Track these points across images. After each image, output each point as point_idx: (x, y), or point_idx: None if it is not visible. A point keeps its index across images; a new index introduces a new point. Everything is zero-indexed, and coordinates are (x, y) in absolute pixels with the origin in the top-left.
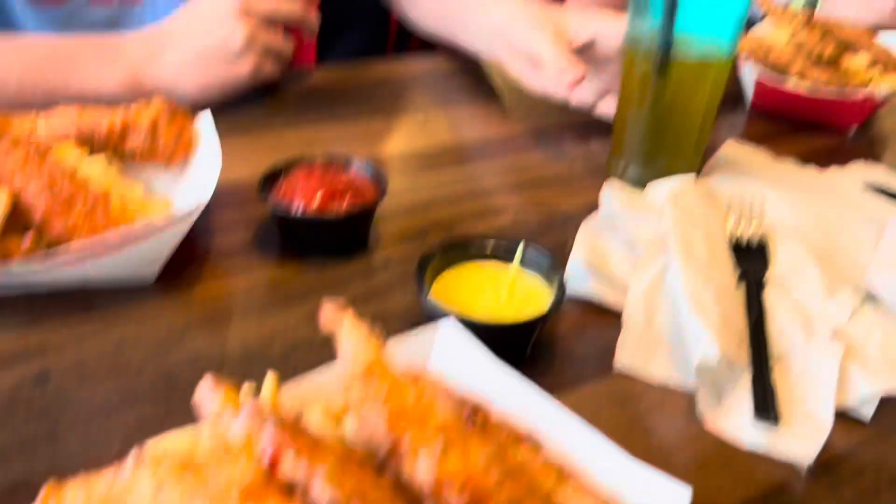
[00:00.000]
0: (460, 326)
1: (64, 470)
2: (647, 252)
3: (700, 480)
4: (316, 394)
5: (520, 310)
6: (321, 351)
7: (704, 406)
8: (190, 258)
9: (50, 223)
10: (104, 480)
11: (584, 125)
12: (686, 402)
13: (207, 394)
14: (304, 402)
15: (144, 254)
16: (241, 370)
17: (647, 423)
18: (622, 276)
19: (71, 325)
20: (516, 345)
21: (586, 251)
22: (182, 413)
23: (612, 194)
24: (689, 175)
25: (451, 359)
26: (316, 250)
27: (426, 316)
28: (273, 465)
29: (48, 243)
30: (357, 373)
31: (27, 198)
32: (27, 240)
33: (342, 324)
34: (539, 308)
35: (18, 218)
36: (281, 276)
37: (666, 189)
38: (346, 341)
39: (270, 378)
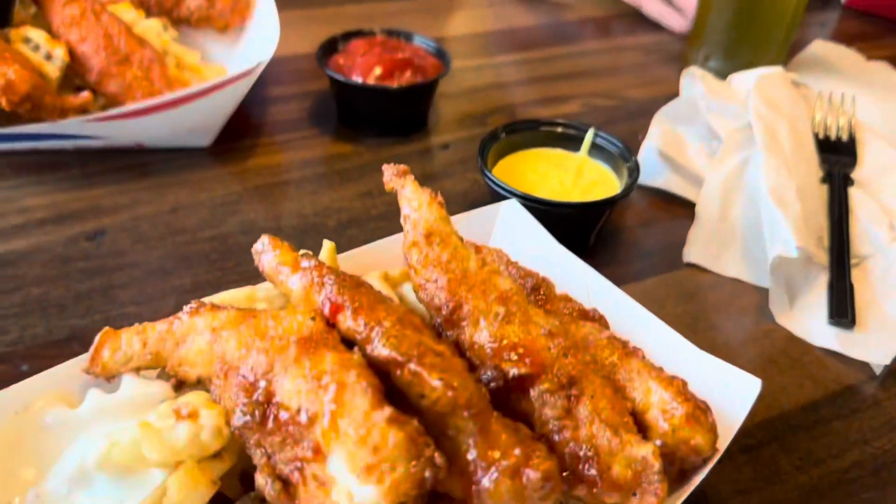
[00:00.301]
0: (522, 207)
1: (119, 323)
2: (727, 143)
3: (767, 378)
4: (374, 261)
5: (586, 196)
6: (376, 227)
7: (776, 304)
8: (245, 129)
9: (105, 82)
10: (160, 327)
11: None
12: (756, 299)
13: (265, 250)
14: (362, 269)
15: (199, 118)
16: (295, 241)
17: (714, 318)
18: (697, 167)
19: (125, 188)
20: (581, 229)
21: (661, 140)
22: (236, 278)
23: (694, 81)
24: (775, 68)
25: (512, 238)
26: (373, 126)
27: (488, 197)
28: (331, 320)
29: (104, 102)
30: (419, 236)
31: (83, 54)
32: (83, 96)
33: (405, 185)
34: (607, 195)
35: (74, 75)
36: (337, 152)
37: (751, 79)
38: (408, 204)
39: (328, 245)
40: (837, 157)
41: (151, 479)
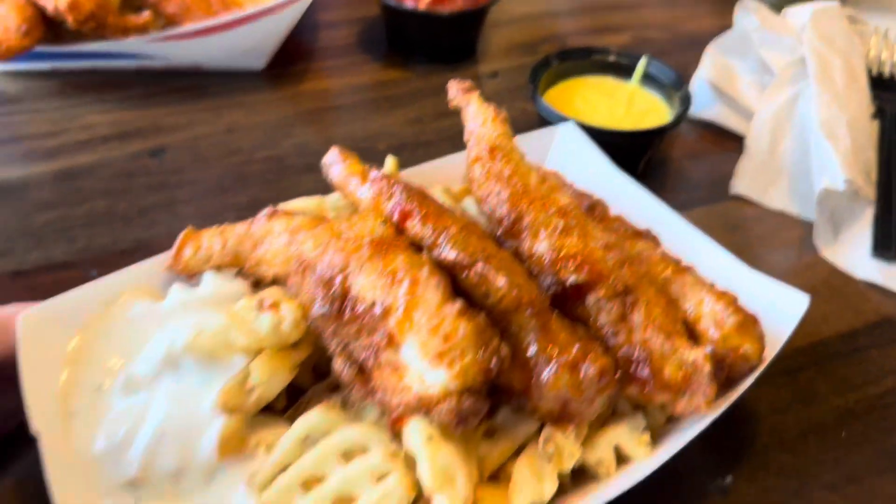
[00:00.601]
0: (580, 130)
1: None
2: (780, 77)
3: (810, 307)
4: (435, 179)
5: (637, 124)
6: (425, 153)
7: (821, 236)
8: (297, 53)
9: (165, 2)
10: (239, 229)
11: None
12: (801, 231)
13: (335, 162)
14: (424, 183)
15: (255, 41)
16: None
17: (758, 248)
18: (749, 100)
19: (183, 108)
20: (630, 158)
21: (713, 72)
22: (292, 196)
23: (749, 14)
24: (831, 2)
25: (568, 160)
26: (423, 53)
27: (536, 126)
28: (400, 226)
29: (163, 23)
30: (482, 151)
31: None
32: (144, 16)
33: (470, 102)
34: (659, 124)
35: None
36: (387, 78)
37: (807, 13)
38: (473, 120)
39: (391, 160)
40: (890, 93)
41: (234, 364)
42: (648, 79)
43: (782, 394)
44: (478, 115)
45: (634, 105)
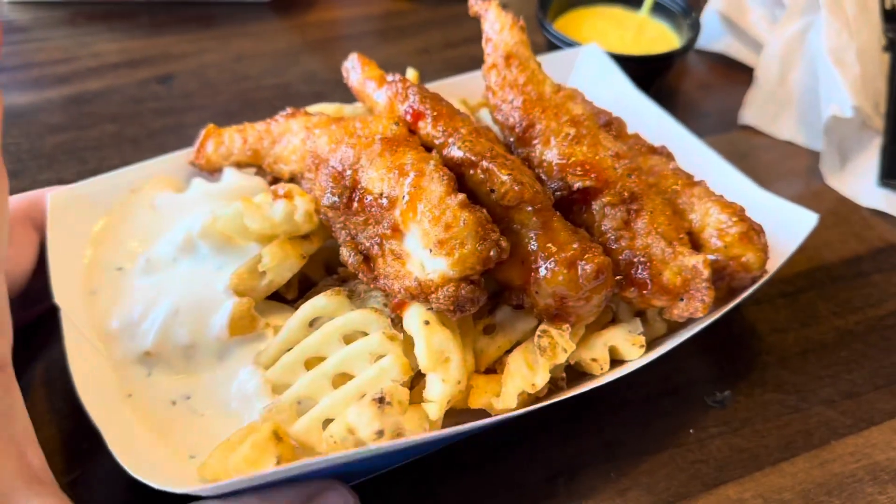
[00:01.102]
0: (603, 52)
1: None
2: (791, 7)
3: (814, 233)
4: (454, 92)
5: (646, 52)
6: (434, 80)
7: (828, 165)
8: None
9: None
10: (259, 126)
11: None
12: (808, 160)
13: (354, 67)
14: (444, 96)
15: None
16: (353, 95)
17: (765, 178)
18: (759, 33)
19: (192, 37)
20: (640, 84)
21: (724, 4)
22: None
23: None
24: None
25: (590, 81)
26: None
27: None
28: (412, 126)
29: None
30: (498, 58)
31: None
32: None
33: (488, 9)
34: (668, 49)
35: None
36: (395, 8)
37: None
38: (490, 27)
39: (412, 72)
40: None
41: (248, 251)
42: (658, 8)
43: (782, 314)
44: (495, 22)
45: (644, 34)
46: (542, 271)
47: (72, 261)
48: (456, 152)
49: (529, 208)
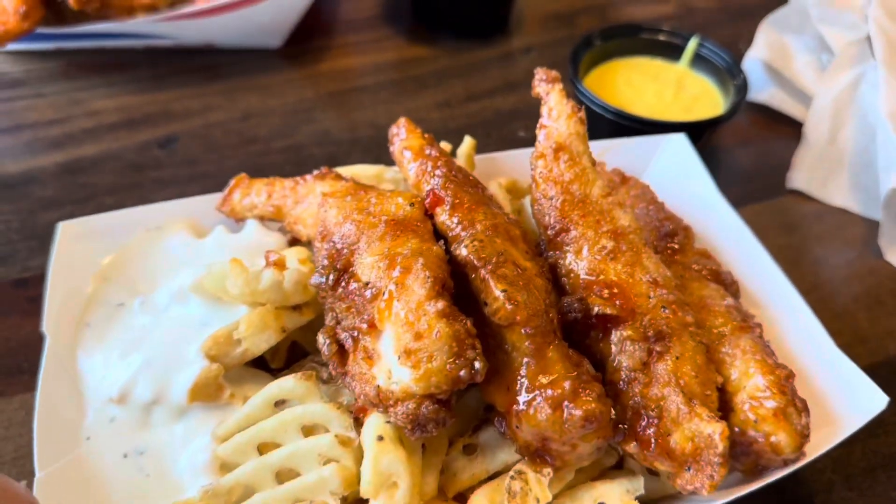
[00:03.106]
0: (690, 145)
1: None
2: (841, 57)
3: (871, 319)
4: (511, 168)
5: (687, 113)
6: (456, 140)
7: (886, 238)
8: (316, 29)
9: None
10: (287, 184)
11: None
12: (864, 231)
13: (400, 133)
14: (495, 173)
15: (271, 17)
16: (371, 155)
17: (817, 251)
18: (805, 82)
19: (195, 92)
20: None
21: (766, 51)
22: None
23: None
24: None
25: (669, 175)
26: (451, 26)
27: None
28: (430, 210)
29: (172, 0)
30: (548, 148)
31: None
32: None
33: (550, 92)
34: (710, 112)
35: None
36: (412, 55)
37: None
38: (548, 113)
39: (468, 141)
40: None
41: (236, 311)
42: (699, 60)
43: None
44: (554, 108)
45: (684, 89)
46: (524, 405)
47: (71, 291)
48: (462, 251)
49: (524, 331)
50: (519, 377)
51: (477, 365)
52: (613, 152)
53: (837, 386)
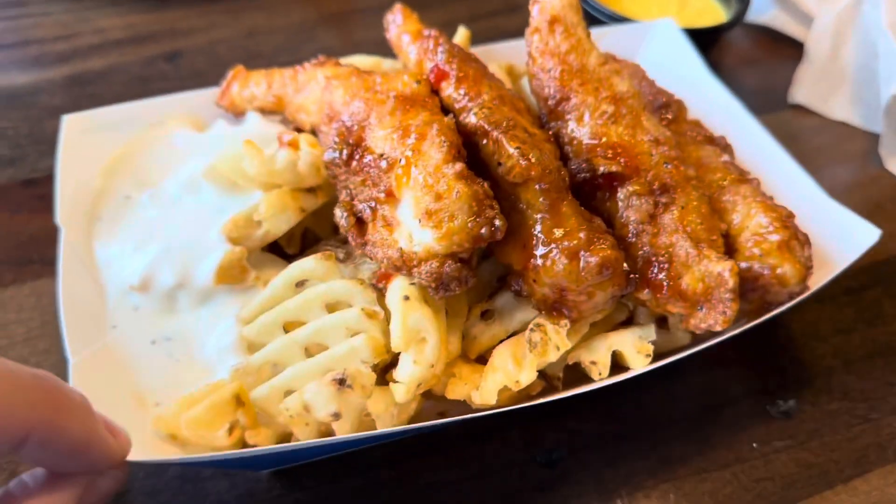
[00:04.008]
0: (679, 29)
1: None
2: None
3: (873, 222)
4: (505, 56)
5: (691, 24)
6: None
7: (887, 148)
8: None
9: None
10: (286, 73)
11: None
12: (865, 143)
13: (396, 20)
14: (488, 61)
15: None
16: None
17: (819, 162)
18: (809, 3)
19: (200, 11)
20: None
21: None
22: None
23: None
24: None
25: (659, 58)
26: None
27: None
28: (435, 86)
29: None
30: (542, 22)
31: None
32: None
33: None
34: (713, 24)
35: None
36: None
37: None
38: None
39: (463, 31)
40: None
41: (251, 197)
42: None
43: (846, 313)
44: None
45: (688, 5)
46: (541, 258)
47: (81, 185)
48: (471, 119)
49: (538, 187)
50: (534, 233)
51: (497, 223)
52: (605, 39)
53: (831, 228)
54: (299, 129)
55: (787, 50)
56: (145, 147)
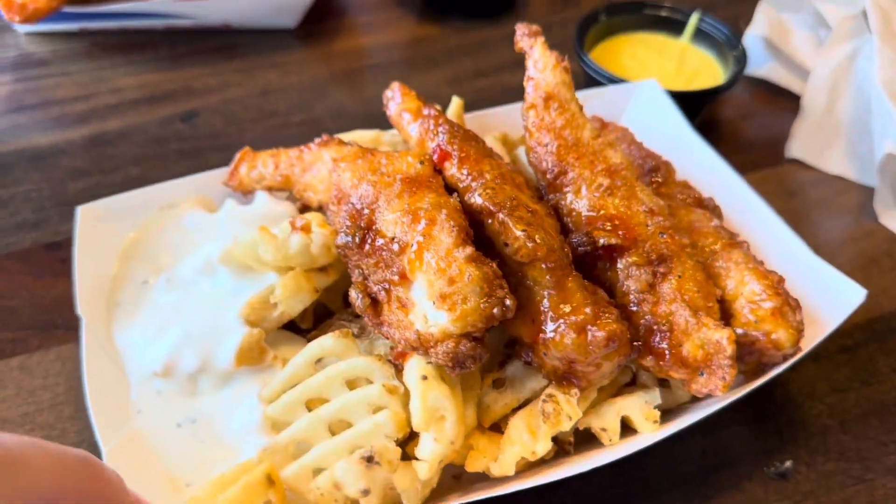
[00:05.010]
0: (662, 89)
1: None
2: (837, 31)
3: (867, 279)
4: (498, 123)
5: (689, 85)
6: (466, 111)
7: (881, 203)
8: (329, 10)
9: None
10: (292, 153)
11: None
12: (860, 197)
13: (395, 97)
14: (484, 130)
15: None
16: (385, 127)
17: (816, 214)
18: (804, 57)
19: (214, 70)
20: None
21: (765, 28)
22: None
23: None
24: None
25: (644, 119)
26: (460, 7)
27: (582, 85)
28: (438, 166)
29: None
30: (538, 98)
31: None
32: None
33: (533, 46)
34: (711, 84)
35: None
36: (422, 35)
37: None
38: (534, 65)
39: (456, 101)
40: None
41: (266, 279)
42: (700, 35)
43: (842, 372)
44: (539, 60)
45: (686, 63)
46: (551, 333)
47: (98, 272)
48: (476, 199)
49: (544, 266)
50: (542, 308)
51: (507, 302)
52: (592, 101)
53: (819, 287)
54: (306, 206)
55: (785, 102)
56: (158, 231)
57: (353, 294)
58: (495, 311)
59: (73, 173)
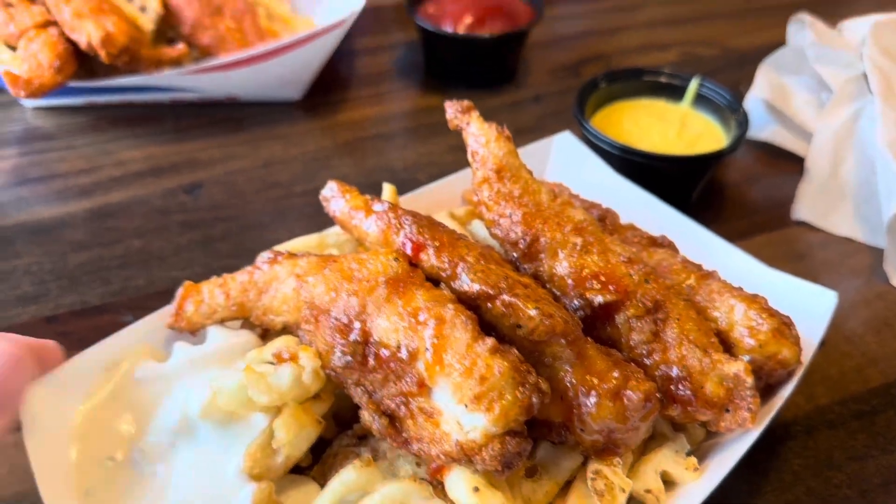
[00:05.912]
0: (577, 139)
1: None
2: (839, 94)
3: (881, 342)
4: (435, 201)
5: (691, 150)
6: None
7: (892, 264)
8: (334, 82)
9: (199, 34)
10: (241, 278)
11: None
12: (869, 259)
13: (335, 196)
14: (425, 210)
15: (291, 70)
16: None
17: (825, 279)
18: (806, 120)
19: (218, 142)
20: (684, 185)
21: (767, 91)
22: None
23: (803, 28)
24: (892, 14)
25: (568, 170)
26: (461, 78)
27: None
28: (413, 259)
29: (197, 55)
30: (489, 172)
31: (177, 6)
32: (178, 48)
33: (469, 122)
34: (713, 148)
35: (168, 27)
36: (425, 105)
37: (866, 25)
38: (475, 140)
39: (388, 187)
40: None
41: (255, 424)
42: (701, 100)
43: (859, 439)
44: (480, 135)
45: (687, 128)
46: (587, 406)
47: (58, 461)
48: (470, 286)
49: (562, 340)
50: (568, 384)
51: (542, 387)
52: None
53: (789, 300)
54: (267, 331)
55: (789, 165)
56: (110, 397)
57: (367, 416)
58: (534, 399)
59: (74, 246)
